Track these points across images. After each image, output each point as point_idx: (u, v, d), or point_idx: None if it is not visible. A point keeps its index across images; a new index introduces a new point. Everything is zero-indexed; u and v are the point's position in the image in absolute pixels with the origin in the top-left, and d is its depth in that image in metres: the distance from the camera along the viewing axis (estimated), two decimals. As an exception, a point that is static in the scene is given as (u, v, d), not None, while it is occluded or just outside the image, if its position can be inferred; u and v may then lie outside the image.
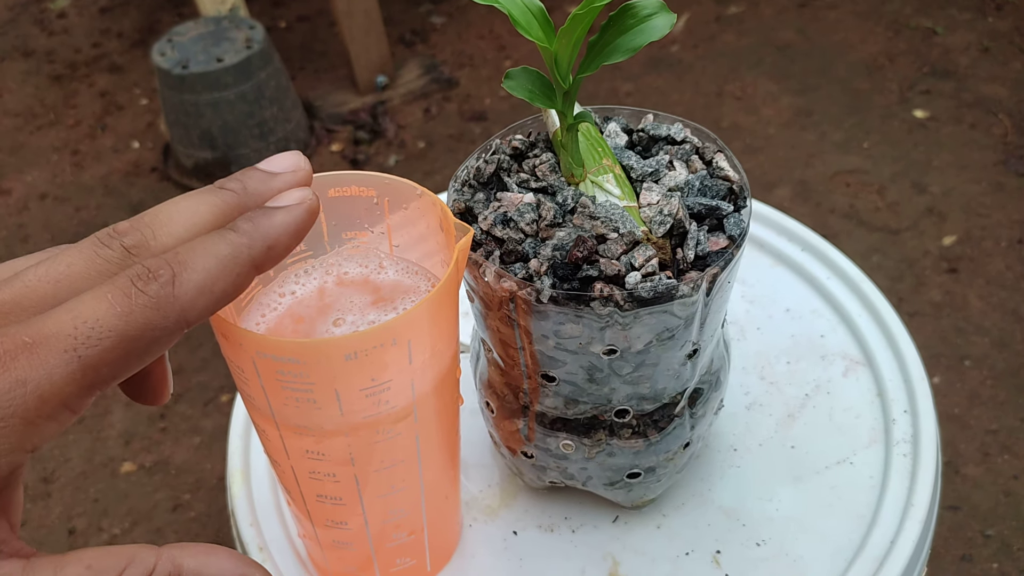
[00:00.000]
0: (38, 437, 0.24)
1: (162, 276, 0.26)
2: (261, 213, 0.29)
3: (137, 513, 1.30)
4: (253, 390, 0.38)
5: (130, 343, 0.25)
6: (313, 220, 0.30)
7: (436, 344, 0.38)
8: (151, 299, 0.25)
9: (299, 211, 0.30)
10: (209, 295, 0.27)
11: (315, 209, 0.30)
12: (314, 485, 0.42)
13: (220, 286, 0.27)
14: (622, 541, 0.52)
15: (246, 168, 0.31)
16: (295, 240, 0.30)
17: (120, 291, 0.25)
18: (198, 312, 0.27)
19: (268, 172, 0.31)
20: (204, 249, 0.27)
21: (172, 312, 0.26)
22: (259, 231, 0.28)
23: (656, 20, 0.39)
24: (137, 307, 0.25)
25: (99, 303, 0.25)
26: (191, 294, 0.26)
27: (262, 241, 0.28)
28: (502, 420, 0.50)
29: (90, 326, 0.24)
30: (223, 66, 1.74)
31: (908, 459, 0.54)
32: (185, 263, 0.26)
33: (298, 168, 0.32)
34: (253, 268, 0.28)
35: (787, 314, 0.64)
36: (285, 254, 0.30)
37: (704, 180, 0.43)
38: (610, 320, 0.39)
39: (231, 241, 0.28)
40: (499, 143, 0.47)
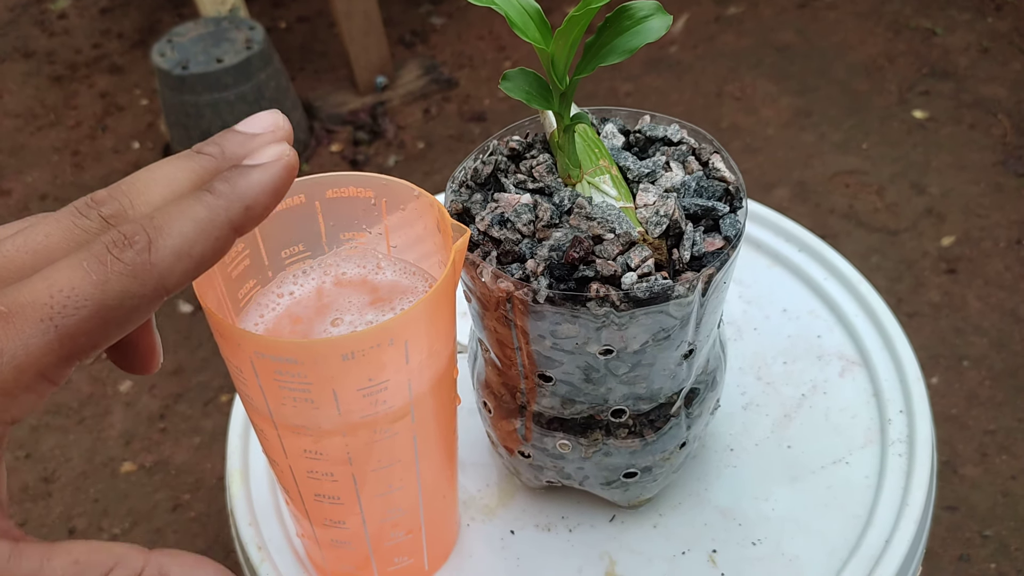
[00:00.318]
0: (17, 409, 0.24)
1: (138, 242, 0.25)
2: (237, 172, 0.28)
3: (137, 513, 1.31)
4: (251, 390, 0.38)
5: (108, 311, 0.25)
6: (292, 177, 0.29)
7: (433, 344, 0.39)
8: (127, 266, 0.25)
9: (276, 168, 0.29)
10: (187, 260, 0.26)
11: (293, 165, 0.29)
12: (312, 484, 0.42)
13: (198, 250, 0.26)
14: (619, 540, 0.53)
15: (224, 131, 0.30)
16: (274, 199, 0.29)
17: (95, 258, 0.25)
18: (177, 278, 0.26)
19: (246, 133, 0.30)
20: (180, 212, 0.26)
21: (150, 279, 0.25)
22: (236, 191, 0.28)
23: (652, 22, 0.39)
24: (113, 275, 0.25)
25: (74, 271, 0.24)
26: (168, 260, 0.26)
27: (239, 201, 0.28)
28: (499, 420, 0.50)
29: (66, 295, 0.24)
30: (223, 67, 1.74)
31: (904, 459, 0.54)
32: (161, 228, 0.26)
33: (277, 127, 0.30)
34: (232, 230, 0.27)
35: (784, 314, 0.64)
36: (265, 214, 0.29)
37: (700, 181, 0.44)
38: (606, 320, 0.40)
39: (207, 203, 0.27)
40: (496, 144, 0.47)
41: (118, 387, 1.47)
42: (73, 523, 1.30)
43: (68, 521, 1.31)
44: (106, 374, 1.50)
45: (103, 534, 1.28)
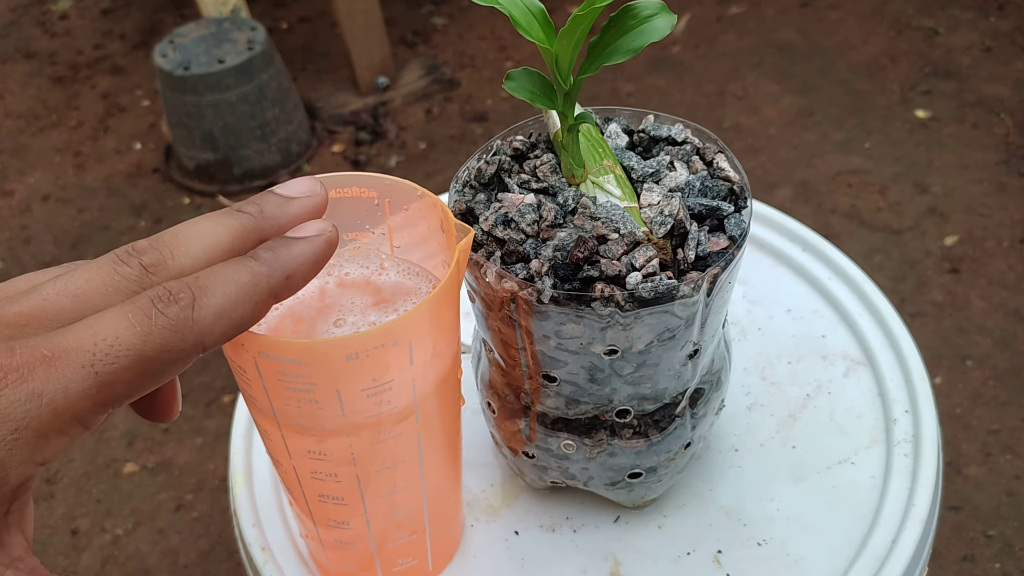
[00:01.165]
0: (49, 450, 0.25)
1: (182, 299, 0.26)
2: (281, 243, 0.30)
3: (140, 514, 1.31)
4: (255, 390, 0.38)
5: (146, 363, 0.25)
6: (332, 252, 0.31)
7: (437, 345, 0.39)
8: (170, 321, 0.26)
9: (319, 242, 0.30)
10: (227, 321, 0.27)
11: (334, 241, 0.31)
12: (316, 485, 0.42)
13: (239, 313, 0.27)
14: (623, 541, 0.52)
15: (263, 192, 0.32)
16: (314, 271, 0.30)
17: (141, 311, 0.26)
18: (215, 337, 0.27)
19: (284, 196, 0.32)
20: (225, 276, 0.27)
21: (190, 335, 0.26)
22: (279, 260, 0.29)
23: (657, 21, 0.39)
24: (156, 328, 0.25)
25: (119, 321, 0.25)
26: (210, 319, 0.27)
27: (281, 271, 0.29)
28: (503, 420, 0.50)
29: (109, 343, 0.25)
30: (224, 67, 1.74)
31: (909, 459, 0.54)
32: (205, 288, 0.27)
33: (314, 194, 0.32)
34: (271, 296, 0.29)
35: (788, 314, 0.64)
36: (303, 284, 0.30)
37: (705, 181, 0.44)
38: (611, 320, 0.40)
39: (251, 269, 0.28)
40: (500, 144, 0.47)
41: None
42: (76, 524, 1.30)
43: (71, 522, 1.31)
44: (108, 375, 1.50)
45: (106, 535, 1.28)
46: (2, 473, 0.24)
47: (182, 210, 1.87)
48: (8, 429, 0.24)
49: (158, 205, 1.89)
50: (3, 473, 0.24)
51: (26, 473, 0.24)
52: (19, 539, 0.25)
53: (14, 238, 1.84)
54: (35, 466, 0.25)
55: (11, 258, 1.80)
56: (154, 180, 1.96)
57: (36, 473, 0.25)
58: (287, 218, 0.31)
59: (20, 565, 0.25)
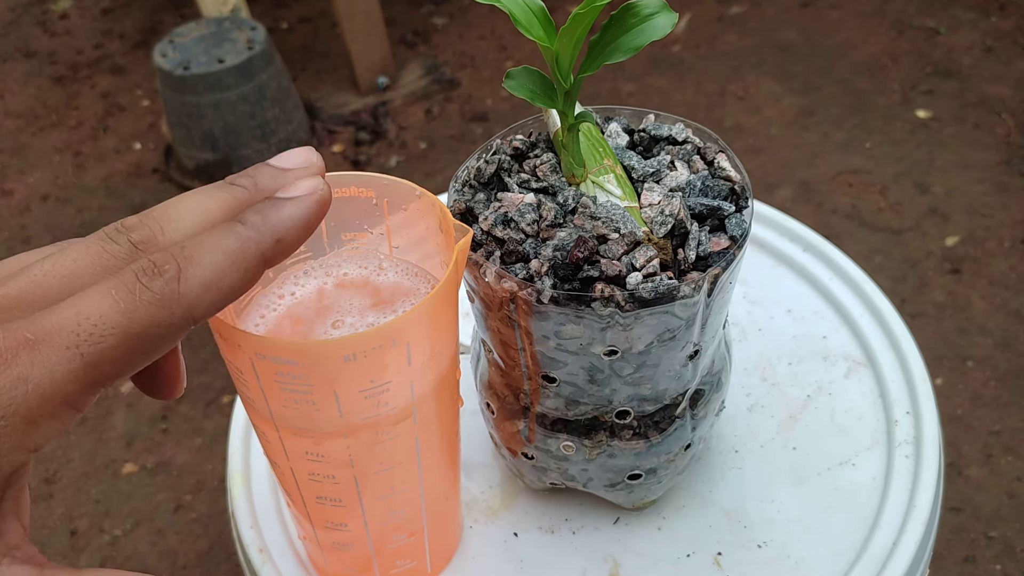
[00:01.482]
0: (40, 436, 0.24)
1: (167, 271, 0.25)
2: (269, 205, 0.28)
3: (139, 514, 1.30)
4: (252, 392, 0.37)
5: (134, 340, 0.25)
6: (324, 211, 0.30)
7: (436, 346, 0.38)
8: (156, 295, 0.25)
9: (309, 201, 0.29)
10: (216, 291, 0.26)
11: (326, 200, 0.30)
12: (314, 487, 0.42)
13: (227, 281, 0.26)
14: (623, 543, 0.52)
15: (257, 164, 0.31)
16: (306, 232, 0.29)
17: (124, 287, 0.25)
18: (204, 308, 0.26)
19: (279, 168, 0.31)
20: (211, 243, 0.26)
21: (178, 309, 0.25)
22: (267, 223, 0.28)
23: (658, 19, 0.39)
24: (141, 304, 0.25)
25: (103, 299, 0.24)
26: (197, 290, 0.26)
27: (271, 234, 0.28)
28: (503, 421, 0.49)
29: (93, 323, 0.24)
30: (224, 67, 1.74)
31: (910, 460, 0.53)
32: (191, 258, 0.26)
33: (310, 164, 0.31)
34: (262, 262, 0.28)
35: (789, 315, 0.64)
36: (296, 247, 0.29)
37: (706, 180, 0.43)
38: (611, 321, 0.39)
39: (239, 234, 0.27)
40: (500, 143, 0.46)
41: (119, 388, 1.47)
42: (74, 524, 1.30)
43: (70, 522, 1.30)
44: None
45: (104, 535, 1.28)
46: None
47: (182, 210, 1.86)
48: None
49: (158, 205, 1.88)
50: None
51: (18, 460, 0.24)
52: (15, 527, 0.25)
53: (13, 238, 1.84)
54: (27, 452, 0.24)
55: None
56: (154, 180, 1.95)
57: (29, 460, 0.25)
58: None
59: (17, 553, 0.24)
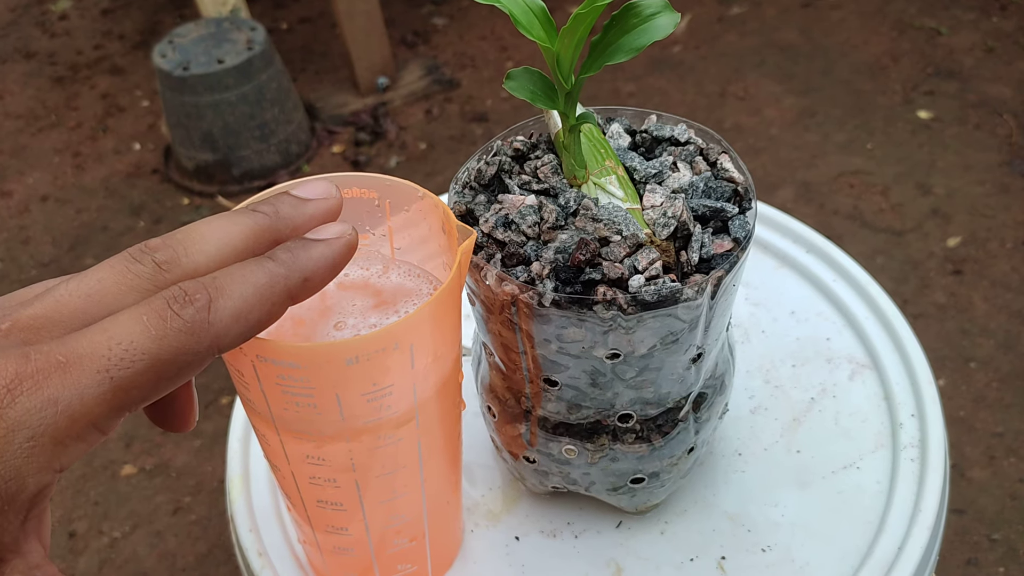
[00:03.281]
0: (67, 457, 0.24)
1: (198, 301, 0.26)
2: (300, 245, 0.29)
3: (137, 516, 1.30)
4: (253, 394, 0.37)
5: (162, 366, 0.25)
6: (351, 255, 0.31)
7: (438, 348, 0.38)
8: (186, 323, 0.25)
9: (338, 245, 0.30)
10: (244, 323, 0.27)
11: (354, 244, 0.31)
12: (314, 490, 0.42)
13: (255, 315, 0.27)
14: (626, 547, 0.52)
15: (279, 191, 0.32)
16: (332, 274, 0.30)
17: (156, 314, 0.25)
18: (231, 339, 0.27)
19: (300, 198, 0.31)
20: (242, 277, 0.27)
21: (206, 338, 0.26)
22: (297, 262, 0.29)
23: (659, 19, 0.38)
24: (172, 331, 0.25)
25: (134, 325, 0.25)
26: (226, 321, 0.26)
27: (300, 273, 0.29)
28: (504, 424, 0.49)
29: (124, 348, 0.24)
30: (224, 67, 1.74)
31: (916, 464, 0.53)
32: (222, 289, 0.27)
33: (329, 196, 0.32)
34: (288, 298, 0.28)
35: (792, 317, 0.63)
36: (321, 286, 0.30)
37: (708, 182, 0.43)
38: (613, 324, 0.39)
39: (269, 270, 0.28)
40: (500, 144, 0.46)
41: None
42: (73, 526, 1.30)
43: (68, 524, 1.30)
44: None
45: (103, 537, 1.28)
46: (20, 481, 0.23)
47: (181, 211, 1.86)
48: (25, 437, 0.23)
49: (157, 206, 1.88)
50: (21, 481, 0.24)
51: (44, 480, 0.24)
52: (36, 547, 0.25)
53: (12, 239, 1.84)
54: (53, 473, 0.24)
55: (9, 259, 1.79)
56: (153, 181, 1.95)
57: (54, 480, 0.25)
58: (302, 219, 0.31)
59: (38, 573, 0.25)
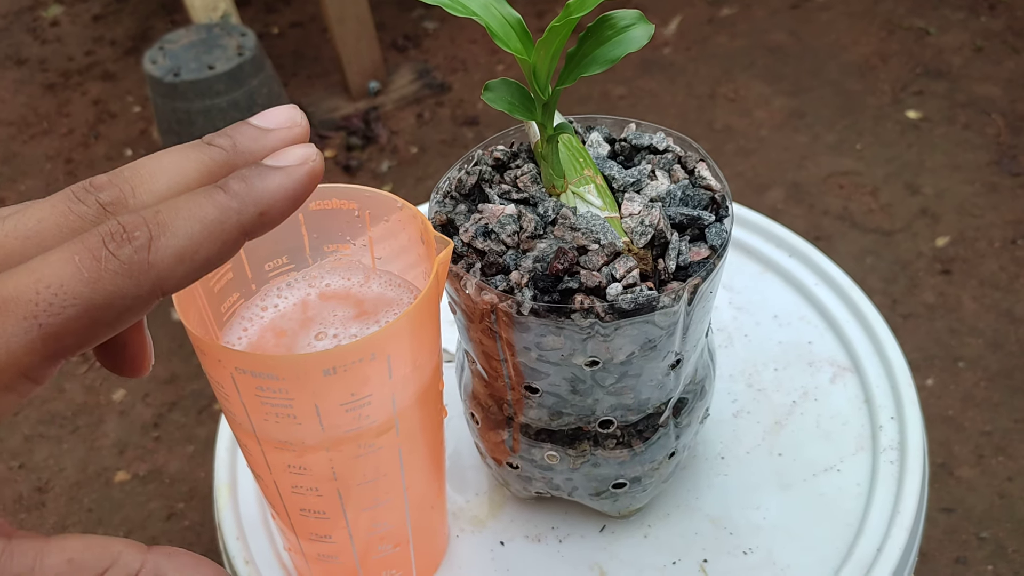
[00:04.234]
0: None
1: (137, 239, 0.23)
2: (256, 173, 0.26)
3: (131, 522, 1.30)
4: (233, 406, 0.38)
5: (97, 311, 0.23)
6: (315, 184, 0.27)
7: (417, 358, 0.38)
8: (123, 264, 0.23)
9: (299, 173, 0.26)
10: (190, 263, 0.24)
11: (318, 172, 0.27)
12: (297, 499, 0.42)
13: (203, 253, 0.24)
14: (609, 551, 0.52)
15: (238, 123, 0.28)
16: (292, 206, 0.26)
17: (89, 253, 0.23)
18: (176, 281, 0.24)
19: (261, 128, 0.28)
20: (188, 210, 0.24)
21: (146, 280, 0.23)
22: (252, 194, 0.25)
23: (634, 31, 0.39)
24: (107, 273, 0.23)
25: (65, 266, 0.22)
26: (169, 261, 0.23)
27: (254, 206, 0.25)
28: (487, 431, 0.49)
29: (53, 291, 0.22)
30: (215, 73, 1.74)
31: (895, 466, 0.53)
32: (165, 225, 0.24)
33: (294, 124, 0.29)
34: (242, 235, 0.25)
35: (775, 320, 0.64)
36: (280, 220, 0.26)
37: (686, 190, 0.43)
38: (591, 332, 0.39)
39: (219, 203, 0.25)
40: (481, 154, 0.47)
41: (111, 396, 1.47)
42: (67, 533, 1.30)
43: (62, 531, 1.30)
44: (99, 383, 1.49)
45: (97, 544, 1.28)
46: None
47: (173, 216, 1.86)
48: None
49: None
50: None
51: None
52: None
53: (5, 246, 1.83)
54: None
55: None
56: (145, 186, 1.95)
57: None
58: (263, 152, 0.27)
59: None
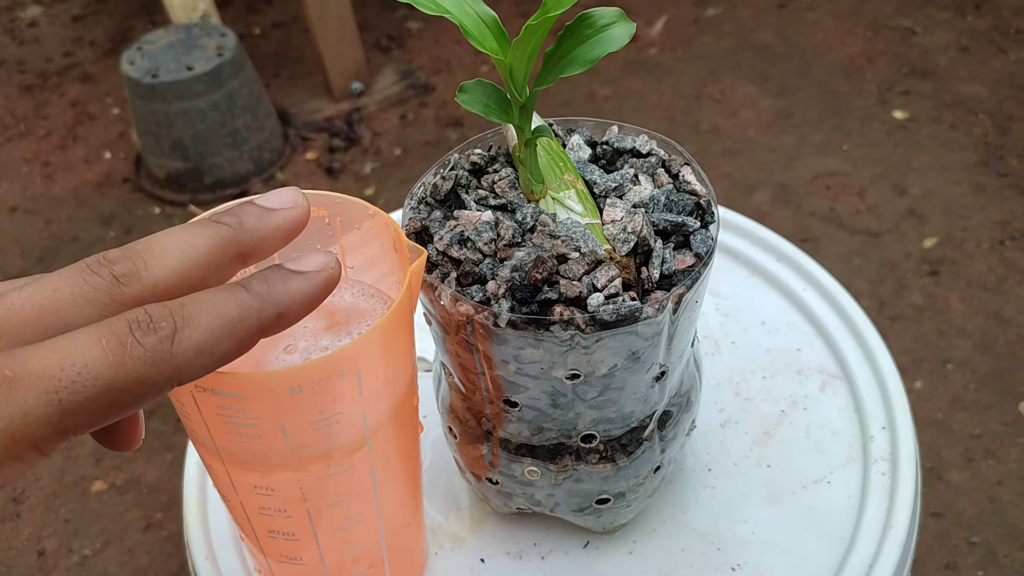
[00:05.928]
0: (2, 477, 0.23)
1: (163, 329, 0.24)
2: (278, 276, 0.27)
3: (109, 533, 1.28)
4: (195, 424, 0.36)
5: (115, 394, 0.24)
6: (331, 290, 0.29)
7: (389, 373, 0.36)
8: (147, 352, 0.24)
9: (318, 279, 0.28)
10: (208, 356, 0.25)
11: (335, 279, 0.29)
12: (265, 521, 0.40)
13: (222, 348, 0.25)
14: (593, 568, 0.51)
15: (243, 201, 0.30)
16: (309, 309, 0.28)
17: (116, 338, 0.24)
18: (194, 372, 0.25)
19: (264, 208, 0.29)
20: (212, 306, 0.25)
21: (166, 369, 0.24)
22: (272, 295, 0.27)
23: (615, 30, 0.37)
24: (130, 359, 0.24)
25: (91, 347, 0.23)
26: (190, 353, 0.25)
27: (274, 307, 0.27)
28: (465, 446, 0.48)
29: (77, 370, 0.23)
30: (193, 74, 1.71)
31: (887, 477, 0.52)
32: (189, 318, 0.25)
33: (296, 205, 0.30)
34: (259, 333, 0.27)
35: (763, 327, 0.62)
36: (296, 322, 0.28)
37: (670, 195, 0.42)
38: (572, 344, 0.38)
39: (241, 302, 0.26)
40: (457, 158, 0.45)
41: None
42: (43, 544, 1.27)
43: (38, 543, 1.27)
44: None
45: (73, 555, 1.25)
46: None
47: (153, 220, 1.83)
48: None
49: (128, 215, 1.86)
50: None
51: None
52: None
53: (-19, 250, 1.81)
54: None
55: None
56: (124, 190, 1.92)
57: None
58: (267, 230, 0.29)
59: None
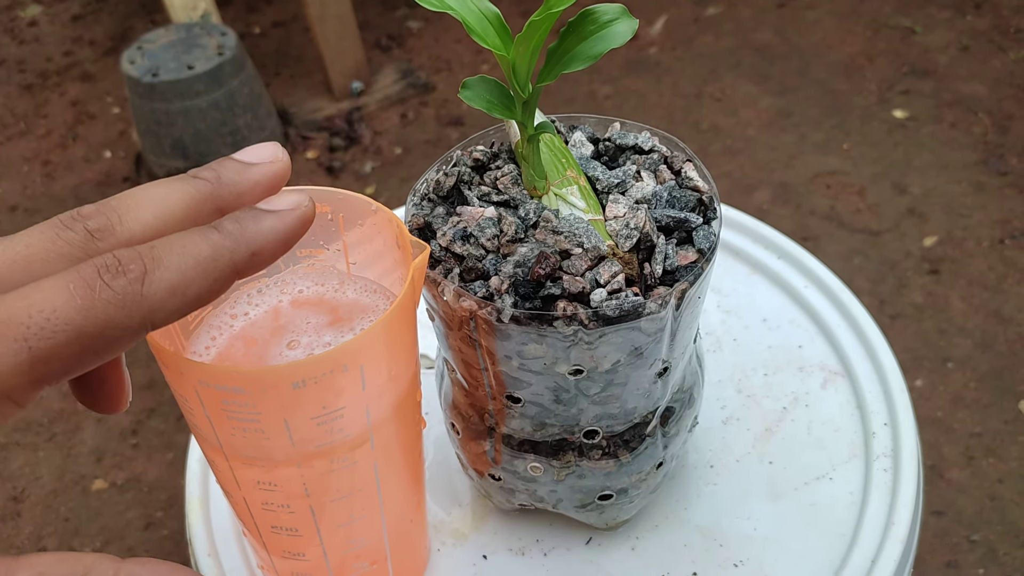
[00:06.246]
0: None
1: (132, 271, 0.24)
2: (249, 215, 0.27)
3: (109, 532, 1.28)
4: (199, 420, 0.36)
5: (87, 340, 0.23)
6: (306, 228, 0.28)
7: (392, 368, 0.37)
8: (116, 295, 0.23)
9: (291, 217, 0.28)
10: (181, 298, 0.25)
11: (309, 217, 0.28)
12: (268, 516, 0.40)
13: (194, 289, 0.25)
14: (596, 564, 0.51)
15: (221, 157, 0.29)
16: (283, 249, 0.28)
17: (84, 282, 0.23)
18: (166, 314, 0.24)
19: (243, 162, 0.29)
20: (182, 247, 0.25)
21: (137, 312, 0.24)
22: (245, 234, 0.26)
23: (617, 26, 0.37)
24: (100, 302, 0.23)
25: (59, 292, 0.23)
26: (161, 294, 0.24)
27: (246, 246, 0.26)
28: (468, 442, 0.48)
29: (45, 316, 0.22)
30: (194, 73, 1.71)
31: (889, 474, 0.52)
32: (159, 260, 0.24)
33: (275, 159, 0.30)
34: (233, 273, 0.26)
35: (764, 324, 0.62)
36: (271, 262, 0.27)
37: (673, 191, 0.42)
38: (575, 339, 0.38)
39: (212, 241, 0.26)
40: (460, 154, 0.45)
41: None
42: (43, 543, 1.27)
43: (38, 541, 1.27)
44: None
45: (75, 554, 1.25)
46: None
47: (154, 219, 1.83)
48: None
49: (129, 214, 1.85)
50: None
51: None
52: None
53: (-18, 249, 1.80)
54: None
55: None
56: (124, 189, 1.92)
57: None
58: (247, 184, 0.29)
59: None
